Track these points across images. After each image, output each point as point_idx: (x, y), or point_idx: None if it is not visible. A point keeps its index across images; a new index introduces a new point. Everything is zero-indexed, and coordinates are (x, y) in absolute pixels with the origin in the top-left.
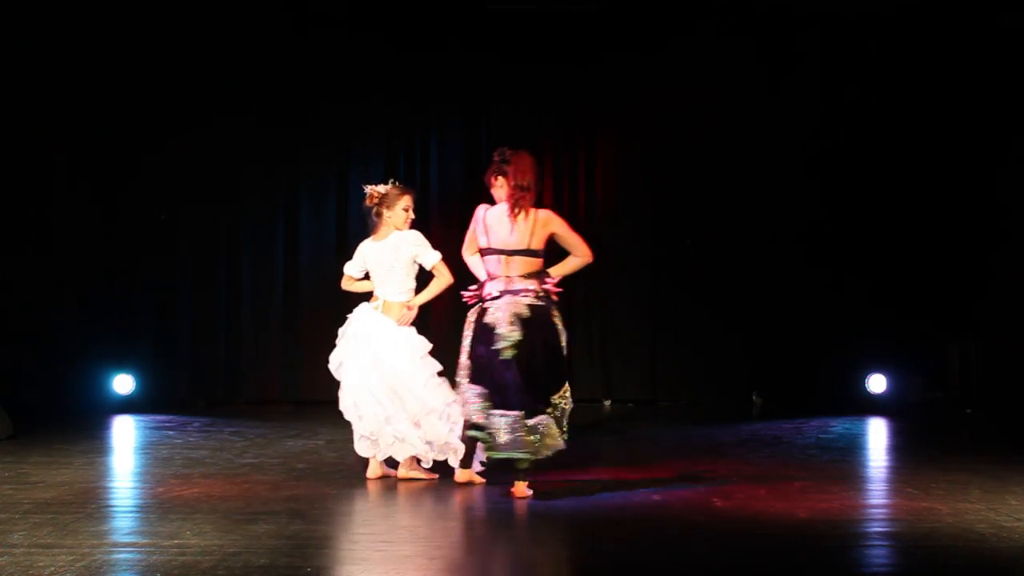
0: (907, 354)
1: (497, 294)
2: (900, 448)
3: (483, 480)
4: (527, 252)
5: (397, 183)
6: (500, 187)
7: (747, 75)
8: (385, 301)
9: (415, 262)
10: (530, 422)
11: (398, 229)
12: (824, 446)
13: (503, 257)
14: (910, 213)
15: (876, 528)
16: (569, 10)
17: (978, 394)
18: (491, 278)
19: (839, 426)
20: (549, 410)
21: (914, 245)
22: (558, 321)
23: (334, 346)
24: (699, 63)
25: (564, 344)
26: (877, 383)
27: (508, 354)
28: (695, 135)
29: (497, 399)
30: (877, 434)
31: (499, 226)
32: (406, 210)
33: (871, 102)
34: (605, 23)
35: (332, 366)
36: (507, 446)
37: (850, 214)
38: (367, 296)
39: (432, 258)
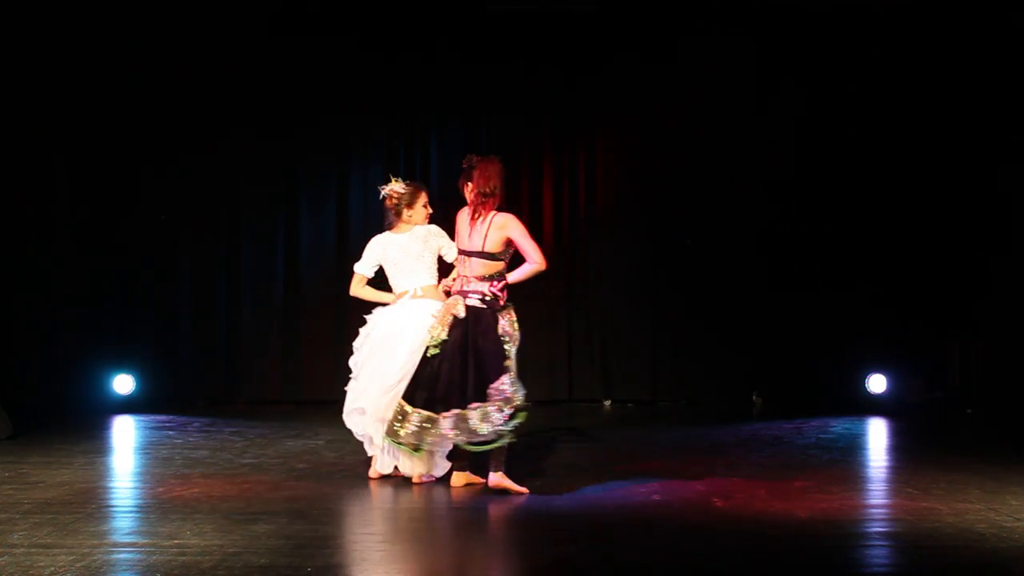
0: (907, 354)
1: (452, 292)
2: (900, 448)
3: (482, 480)
4: (482, 254)
5: (408, 181)
6: (469, 192)
7: (747, 75)
8: (424, 288)
9: (439, 254)
10: (448, 415)
11: (418, 225)
12: (824, 446)
13: (464, 258)
14: (911, 213)
15: (876, 528)
16: (570, 10)
17: (978, 394)
18: (459, 277)
19: (839, 426)
20: (459, 411)
21: (914, 245)
22: (508, 325)
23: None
24: (700, 63)
25: (509, 348)
26: (877, 383)
27: (430, 352)
28: (695, 135)
29: (413, 396)
30: (877, 434)
31: (463, 229)
32: (425, 206)
33: (872, 102)
34: (605, 23)
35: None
36: (411, 438)
37: (851, 214)
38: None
39: (455, 251)
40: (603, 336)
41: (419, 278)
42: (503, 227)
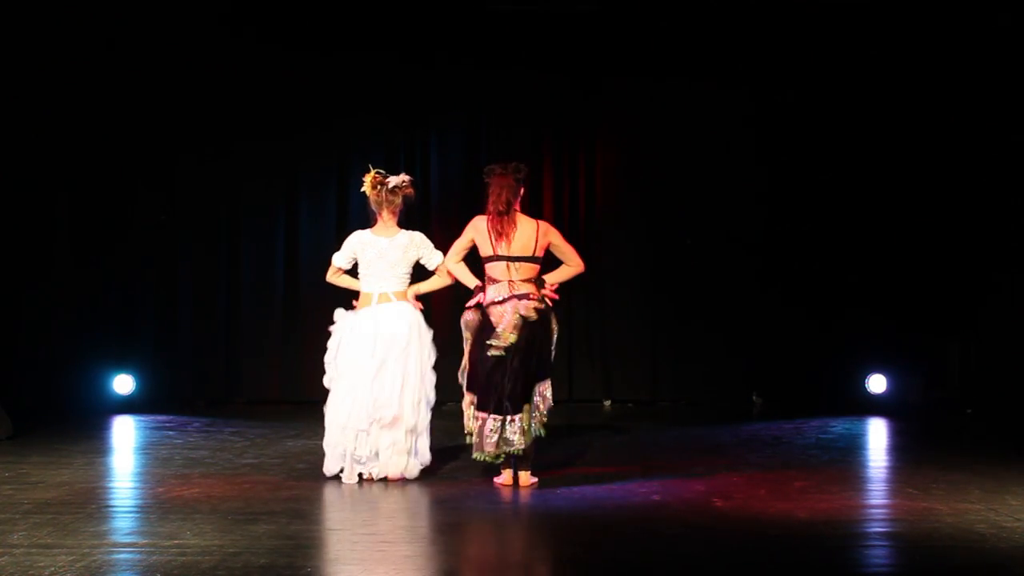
0: (907, 354)
1: (503, 298)
2: (900, 448)
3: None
4: (531, 259)
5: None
6: (493, 202)
7: (747, 75)
8: (393, 292)
9: (418, 263)
10: (515, 419)
11: (402, 231)
12: (824, 446)
13: (508, 263)
14: (910, 213)
15: (876, 528)
16: (570, 11)
17: (978, 394)
18: (492, 282)
19: (839, 426)
20: (527, 406)
21: (914, 245)
22: (555, 325)
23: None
24: (699, 62)
25: (554, 346)
26: (877, 383)
27: (497, 354)
28: (695, 136)
29: (489, 404)
30: (877, 434)
31: (501, 235)
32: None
33: (872, 102)
34: (605, 24)
35: (334, 368)
36: (493, 447)
37: (851, 214)
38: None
39: (437, 259)
40: (603, 336)
41: (389, 284)
42: (547, 233)
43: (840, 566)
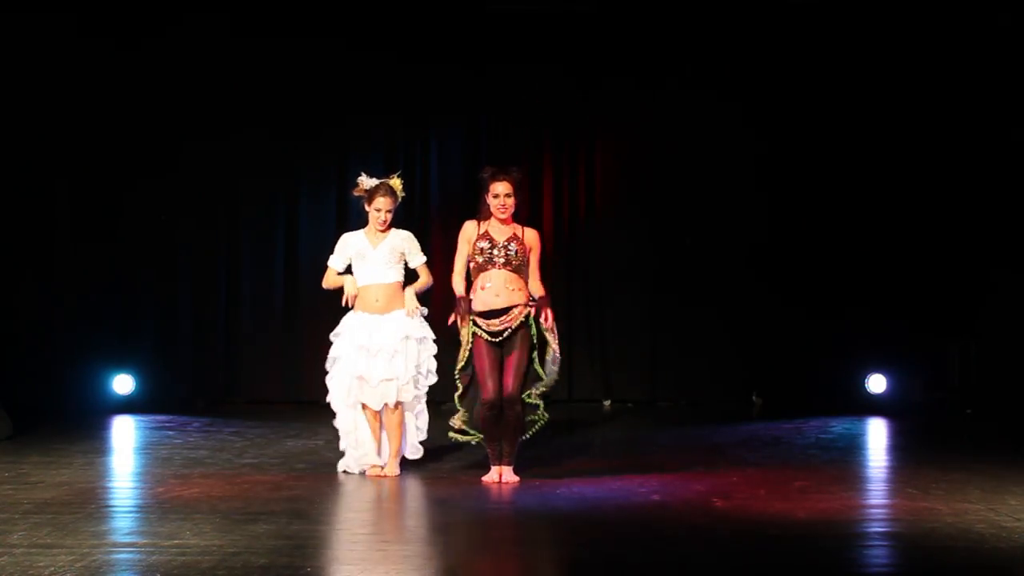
0: (907, 354)
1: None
2: (900, 448)
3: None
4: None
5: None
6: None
7: (747, 73)
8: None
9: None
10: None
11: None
12: (824, 446)
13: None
14: (910, 213)
15: (876, 528)
16: (569, 11)
17: (978, 395)
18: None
19: (839, 426)
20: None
21: (914, 245)
22: (549, 336)
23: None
24: (699, 62)
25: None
26: (877, 383)
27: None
28: (695, 137)
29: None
30: (877, 434)
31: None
32: (378, 210)
33: (870, 102)
34: (604, 24)
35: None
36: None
37: (850, 214)
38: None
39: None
40: (603, 336)
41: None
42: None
43: (840, 566)
